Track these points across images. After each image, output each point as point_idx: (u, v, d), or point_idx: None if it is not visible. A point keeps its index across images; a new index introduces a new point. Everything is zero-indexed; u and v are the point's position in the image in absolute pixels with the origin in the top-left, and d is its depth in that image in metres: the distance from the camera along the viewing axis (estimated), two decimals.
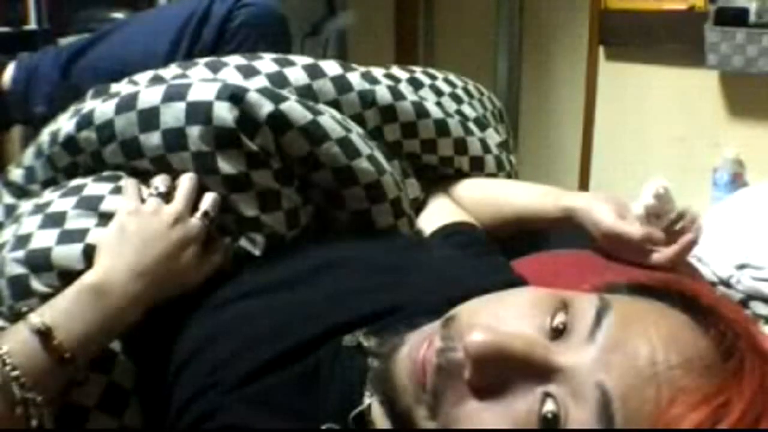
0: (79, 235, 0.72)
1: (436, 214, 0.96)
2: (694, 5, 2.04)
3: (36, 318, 0.63)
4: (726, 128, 2.07)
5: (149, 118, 0.78)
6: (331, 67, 0.92)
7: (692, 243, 0.85)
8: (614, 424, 0.42)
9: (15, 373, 0.60)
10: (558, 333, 0.47)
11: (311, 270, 0.75)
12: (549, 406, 0.44)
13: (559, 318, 0.48)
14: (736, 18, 1.88)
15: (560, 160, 2.45)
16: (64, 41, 1.44)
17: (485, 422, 0.45)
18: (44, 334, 0.62)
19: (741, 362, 0.45)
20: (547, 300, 0.49)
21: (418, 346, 0.49)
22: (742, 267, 1.47)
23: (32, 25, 1.68)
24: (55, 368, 0.62)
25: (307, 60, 0.92)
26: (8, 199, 0.85)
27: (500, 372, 0.45)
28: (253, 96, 0.77)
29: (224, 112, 0.76)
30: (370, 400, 0.57)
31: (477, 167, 1.03)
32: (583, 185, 2.41)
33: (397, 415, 0.50)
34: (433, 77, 1.09)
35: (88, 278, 0.68)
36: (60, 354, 0.62)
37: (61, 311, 0.65)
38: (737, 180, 1.97)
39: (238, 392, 0.61)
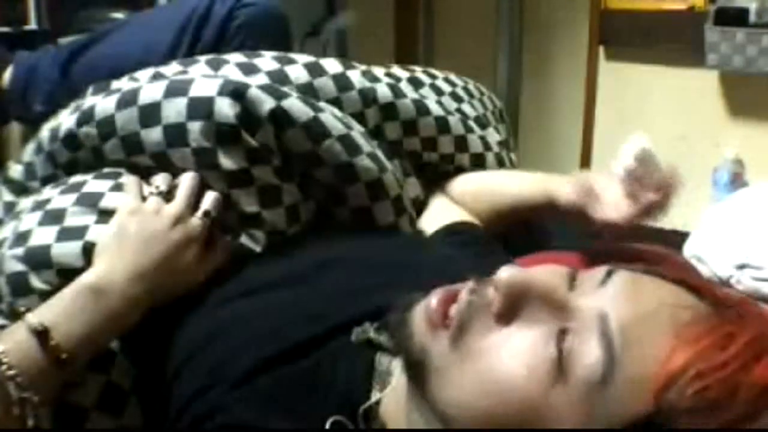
0: (78, 232, 0.72)
1: (437, 215, 0.96)
2: (694, 5, 2.04)
3: (33, 318, 0.63)
4: (726, 128, 2.07)
5: (150, 114, 0.77)
6: (332, 65, 0.92)
7: (655, 206, 0.81)
8: (614, 350, 0.45)
9: (11, 372, 0.60)
10: (573, 287, 0.51)
11: (311, 268, 0.75)
12: (565, 340, 0.47)
13: (575, 278, 0.52)
14: (736, 18, 1.88)
15: (560, 160, 2.45)
16: (64, 41, 1.44)
17: (505, 348, 0.48)
18: (41, 334, 0.62)
19: (742, 315, 0.48)
20: (563, 269, 0.54)
21: (437, 295, 0.53)
22: (742, 267, 1.47)
23: (32, 25, 1.68)
24: (52, 369, 0.62)
25: (308, 58, 0.92)
26: (7, 196, 0.84)
27: (525, 306, 0.49)
28: (254, 92, 0.77)
29: (226, 108, 0.76)
30: (381, 395, 0.58)
31: (478, 165, 1.03)
32: None
33: (412, 363, 0.52)
34: (433, 77, 1.09)
35: (87, 278, 0.67)
36: (57, 354, 0.62)
37: (59, 312, 0.65)
38: (737, 180, 1.97)
39: (237, 391, 0.61)
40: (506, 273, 0.50)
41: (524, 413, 0.46)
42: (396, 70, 1.05)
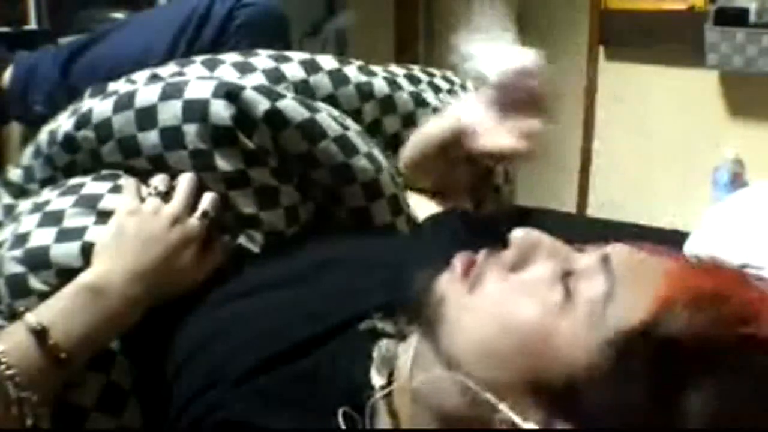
0: (77, 233, 0.72)
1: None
2: (694, 5, 2.04)
3: (32, 318, 0.63)
4: (726, 128, 2.07)
5: (147, 117, 0.78)
6: (328, 61, 0.92)
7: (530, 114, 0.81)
8: (616, 282, 0.49)
9: (10, 372, 0.60)
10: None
11: (311, 268, 0.75)
12: (570, 279, 0.51)
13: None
14: (736, 18, 1.88)
15: (560, 160, 2.45)
16: (64, 41, 1.44)
17: (517, 289, 0.53)
18: (40, 334, 0.63)
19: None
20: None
21: (459, 259, 0.57)
22: (742, 267, 1.46)
23: (32, 25, 1.68)
24: (51, 368, 0.62)
25: (304, 55, 0.92)
26: (7, 199, 0.84)
27: (535, 256, 0.54)
28: (249, 94, 0.77)
29: (221, 110, 0.76)
30: (391, 388, 0.58)
31: None
32: (583, 185, 2.41)
33: (429, 314, 0.55)
34: (431, 74, 1.09)
35: (86, 278, 0.68)
36: (55, 354, 0.62)
37: (58, 311, 0.65)
38: (737, 180, 1.97)
39: (238, 390, 0.61)
40: (519, 231, 0.56)
41: (533, 347, 0.49)
42: (393, 67, 1.05)
